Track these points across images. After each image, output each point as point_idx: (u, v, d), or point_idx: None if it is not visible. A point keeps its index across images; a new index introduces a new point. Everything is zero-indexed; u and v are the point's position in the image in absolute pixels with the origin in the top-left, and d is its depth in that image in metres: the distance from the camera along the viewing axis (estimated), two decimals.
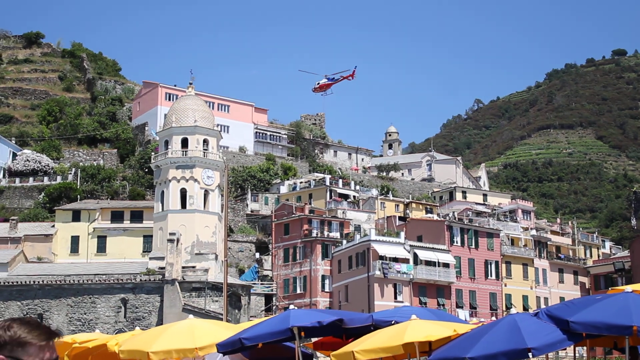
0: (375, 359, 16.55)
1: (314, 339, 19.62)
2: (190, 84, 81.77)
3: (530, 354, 13.10)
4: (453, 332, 14.87)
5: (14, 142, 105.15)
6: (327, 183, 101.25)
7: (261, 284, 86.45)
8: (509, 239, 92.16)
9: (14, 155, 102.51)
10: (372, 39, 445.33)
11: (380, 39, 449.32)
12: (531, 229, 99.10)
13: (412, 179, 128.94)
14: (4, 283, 72.67)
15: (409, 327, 14.88)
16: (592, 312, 13.66)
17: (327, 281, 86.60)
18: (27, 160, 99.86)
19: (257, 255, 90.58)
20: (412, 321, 15.17)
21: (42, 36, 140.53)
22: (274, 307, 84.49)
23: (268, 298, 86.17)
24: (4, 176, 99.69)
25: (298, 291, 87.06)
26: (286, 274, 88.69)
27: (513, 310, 15.95)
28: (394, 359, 18.69)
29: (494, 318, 72.18)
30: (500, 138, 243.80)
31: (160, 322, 66.82)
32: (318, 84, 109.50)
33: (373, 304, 75.61)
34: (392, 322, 16.41)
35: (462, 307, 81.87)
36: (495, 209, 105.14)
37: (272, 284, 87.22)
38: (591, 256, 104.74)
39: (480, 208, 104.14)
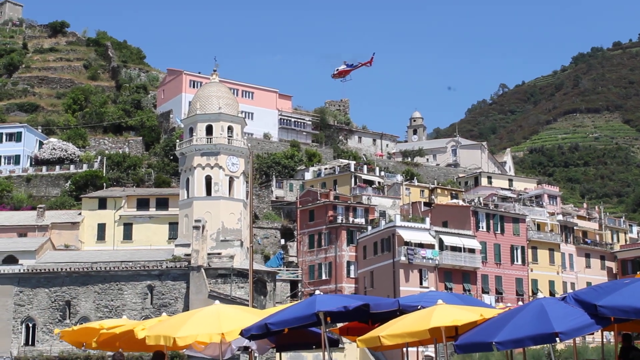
0: (402, 344, 16.52)
1: (339, 325, 19.61)
2: (215, 71, 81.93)
3: (557, 339, 13.00)
4: (480, 317, 14.79)
5: (40, 130, 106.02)
6: (352, 169, 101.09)
7: (286, 270, 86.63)
8: (535, 224, 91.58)
9: (41, 143, 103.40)
10: (395, 24, 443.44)
11: (404, 24, 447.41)
12: (557, 214, 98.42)
13: (437, 165, 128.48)
14: (32, 270, 73.49)
15: (435, 312, 14.82)
16: (620, 296, 13.53)
17: (352, 267, 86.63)
18: (54, 148, 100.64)
19: (283, 241, 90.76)
20: (438, 306, 15.11)
21: (67, 25, 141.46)
22: (299, 293, 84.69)
23: (293, 284, 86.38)
24: (30, 164, 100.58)
25: (323, 277, 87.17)
26: (311, 260, 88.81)
27: (540, 295, 15.86)
28: (420, 344, 18.66)
29: (520, 303, 71.81)
30: (526, 123, 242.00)
31: (186, 309, 67.26)
32: (337, 70, 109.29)
33: (398, 290, 75.57)
34: (418, 307, 16.36)
35: (487, 293, 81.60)
36: (521, 194, 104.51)
37: (297, 270, 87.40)
38: (618, 241, 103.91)
39: (506, 193, 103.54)
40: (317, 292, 16.62)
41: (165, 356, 17.71)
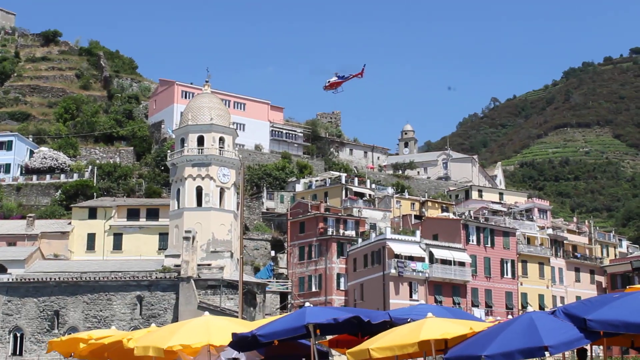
0: (391, 357, 16.50)
1: (329, 337, 19.57)
2: (207, 82, 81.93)
3: (547, 352, 13.01)
4: (469, 330, 14.80)
5: (31, 139, 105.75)
6: (343, 181, 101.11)
7: (276, 282, 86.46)
8: (525, 237, 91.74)
9: (31, 152, 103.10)
10: (387, 37, 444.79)
11: (396, 37, 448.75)
12: (547, 227, 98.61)
13: (428, 178, 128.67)
14: (21, 280, 73.09)
15: (425, 325, 14.82)
16: (609, 310, 13.56)
17: (342, 279, 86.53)
18: (44, 157, 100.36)
19: (273, 253, 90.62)
20: (428, 319, 15.11)
21: (60, 34, 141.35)
22: (289, 305, 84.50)
23: (283, 296, 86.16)
24: (21, 173, 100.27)
25: (313, 289, 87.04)
26: (301, 272, 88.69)
27: (530, 309, 15.87)
28: (410, 357, 18.66)
29: (509, 317, 71.87)
30: (517, 136, 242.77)
31: (175, 320, 67.00)
32: (328, 82, 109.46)
33: (388, 303, 75.48)
34: (408, 320, 16.35)
35: (477, 306, 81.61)
36: (511, 208, 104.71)
37: (287, 282, 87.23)
38: (608, 255, 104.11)
39: (497, 207, 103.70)
40: (307, 304, 16.58)
41: None
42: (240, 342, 15.03)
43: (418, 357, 16.07)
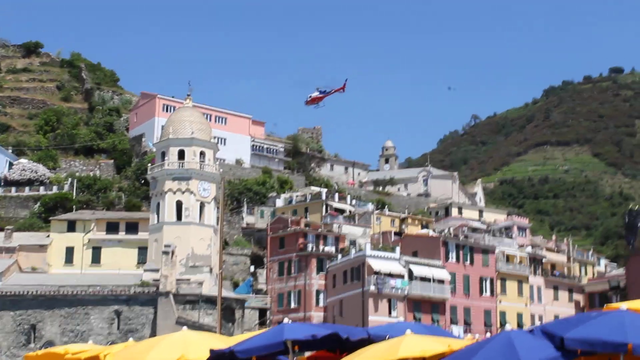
0: None
1: (307, 353, 19.52)
2: (188, 95, 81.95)
3: None
4: (448, 348, 14.78)
5: (10, 151, 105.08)
6: (323, 197, 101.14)
7: (255, 297, 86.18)
8: (504, 255, 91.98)
9: (10, 164, 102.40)
10: (369, 52, 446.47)
11: (378, 53, 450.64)
12: (526, 245, 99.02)
13: (408, 194, 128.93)
14: None
15: (403, 342, 14.79)
16: (587, 329, 13.58)
17: (321, 296, 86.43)
18: (24, 169, 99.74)
19: (252, 268, 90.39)
20: (407, 336, 15.09)
21: (41, 46, 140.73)
22: (268, 321, 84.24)
23: (262, 312, 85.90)
24: (0, 185, 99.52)
25: (292, 305, 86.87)
26: (281, 287, 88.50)
27: (508, 327, 15.89)
28: None
29: (488, 335, 72.00)
30: (497, 154, 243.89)
31: (153, 335, 66.53)
32: (310, 97, 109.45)
33: (367, 319, 75.42)
34: (387, 337, 16.32)
35: (456, 324, 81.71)
36: (491, 225, 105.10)
37: (266, 298, 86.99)
38: (586, 274, 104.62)
39: (476, 224, 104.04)
40: (286, 320, 16.57)
41: None
42: (217, 358, 14.96)
43: None
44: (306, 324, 17.73)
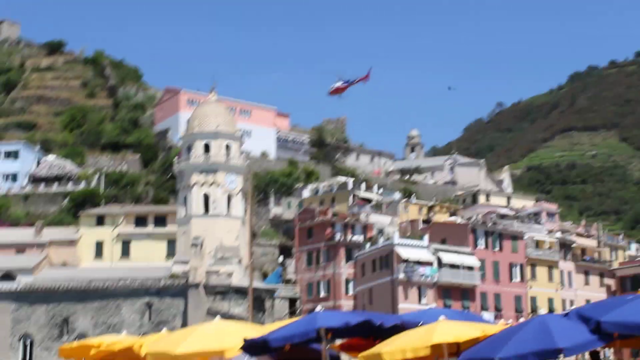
0: None
1: (338, 341, 19.49)
2: (213, 89, 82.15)
3: (561, 355, 12.91)
4: (482, 333, 14.71)
5: (38, 148, 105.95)
6: (350, 187, 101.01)
7: (285, 287, 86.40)
8: (533, 241, 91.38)
9: (39, 161, 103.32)
10: (392, 41, 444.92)
11: (401, 41, 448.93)
12: (556, 231, 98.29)
13: (435, 183, 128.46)
14: (30, 287, 73.24)
15: (437, 328, 14.73)
16: (623, 313, 13.47)
17: (350, 285, 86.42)
18: (51, 166, 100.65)
19: (281, 258, 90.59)
20: (440, 322, 15.03)
21: (65, 44, 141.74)
22: (298, 311, 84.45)
23: (292, 302, 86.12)
24: (28, 182, 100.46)
25: (322, 294, 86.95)
26: (310, 277, 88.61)
27: (542, 311, 15.78)
28: None
29: (520, 320, 71.69)
30: (523, 141, 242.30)
31: (184, 326, 67.01)
32: (333, 87, 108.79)
33: (397, 307, 75.31)
34: (420, 324, 16.27)
35: (487, 310, 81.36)
36: (519, 212, 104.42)
37: (295, 288, 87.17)
38: (617, 258, 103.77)
39: (504, 211, 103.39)
40: (319, 307, 16.54)
41: None
42: (252, 346, 14.99)
43: None
44: (339, 312, 17.76)
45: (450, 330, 14.73)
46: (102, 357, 17.47)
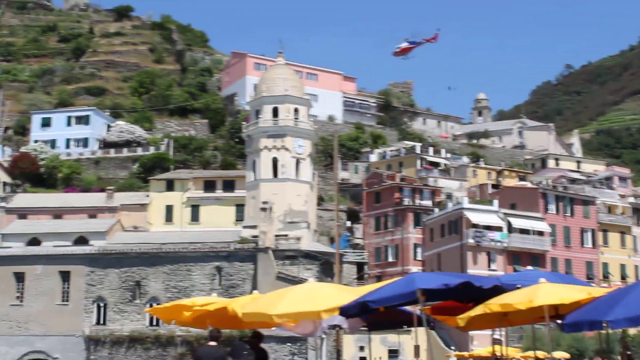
0: (496, 324, 16.04)
1: (430, 303, 19.16)
2: (280, 52, 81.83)
3: None
4: (587, 296, 14.23)
5: (107, 114, 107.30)
6: (417, 151, 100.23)
7: (353, 252, 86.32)
8: (605, 206, 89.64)
9: (108, 126, 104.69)
10: (459, 3, 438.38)
11: (468, 3, 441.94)
12: (628, 196, 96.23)
13: (503, 147, 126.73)
14: (103, 251, 74.50)
15: (539, 290, 14.28)
16: None
17: (418, 250, 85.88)
18: (121, 131, 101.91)
19: (348, 223, 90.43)
20: (542, 284, 14.57)
21: (132, 9, 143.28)
22: (365, 276, 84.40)
23: (360, 266, 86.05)
24: (99, 147, 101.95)
25: (390, 259, 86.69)
26: (378, 242, 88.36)
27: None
28: (515, 324, 18.17)
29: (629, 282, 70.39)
30: (592, 104, 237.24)
31: (254, 289, 67.40)
32: (399, 47, 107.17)
33: (466, 273, 74.67)
34: (518, 286, 15.82)
35: None
36: (590, 176, 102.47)
37: (364, 252, 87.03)
38: None
39: (575, 175, 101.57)
40: (414, 269, 16.22)
41: (262, 336, 17.52)
42: (348, 308, 14.79)
43: (530, 323, 15.60)
44: (436, 273, 17.36)
45: (555, 292, 14.27)
46: (194, 317, 17.49)
